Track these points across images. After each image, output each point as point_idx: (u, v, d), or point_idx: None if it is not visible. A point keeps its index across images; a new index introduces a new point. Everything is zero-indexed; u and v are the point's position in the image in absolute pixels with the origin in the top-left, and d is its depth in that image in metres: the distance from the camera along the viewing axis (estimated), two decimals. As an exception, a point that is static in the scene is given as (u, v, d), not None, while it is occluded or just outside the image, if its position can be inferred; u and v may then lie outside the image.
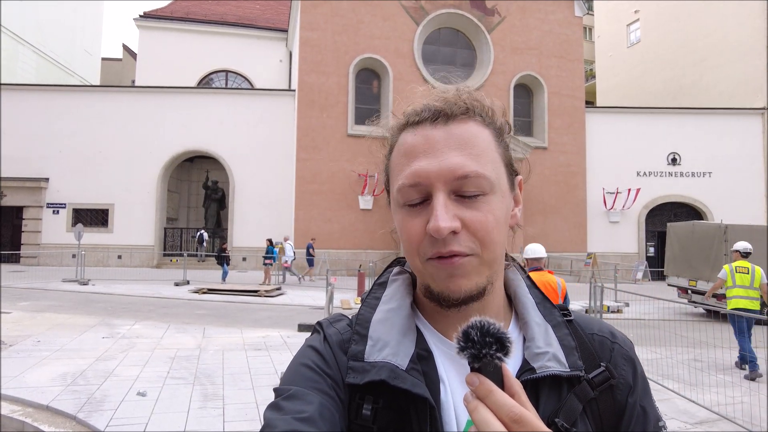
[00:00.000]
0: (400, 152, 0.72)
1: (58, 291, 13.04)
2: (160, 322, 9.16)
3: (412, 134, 0.71)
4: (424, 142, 0.69)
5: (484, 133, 0.70)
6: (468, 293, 0.68)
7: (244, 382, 5.77)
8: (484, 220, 0.67)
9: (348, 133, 19.52)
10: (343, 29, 19.75)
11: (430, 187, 0.67)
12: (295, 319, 9.83)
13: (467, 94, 0.73)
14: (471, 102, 0.71)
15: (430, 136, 0.69)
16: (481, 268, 0.68)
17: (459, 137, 0.68)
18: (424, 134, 0.69)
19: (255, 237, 19.92)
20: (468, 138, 0.68)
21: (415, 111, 0.72)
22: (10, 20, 22.92)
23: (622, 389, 0.74)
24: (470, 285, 0.68)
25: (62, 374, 5.80)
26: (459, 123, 0.69)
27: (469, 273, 0.67)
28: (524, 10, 21.49)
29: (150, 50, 25.22)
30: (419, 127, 0.71)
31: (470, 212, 0.66)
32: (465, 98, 0.72)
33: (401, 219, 0.71)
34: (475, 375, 0.52)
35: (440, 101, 0.71)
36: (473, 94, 0.73)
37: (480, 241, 0.67)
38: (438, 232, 0.64)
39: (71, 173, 20.14)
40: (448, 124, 0.69)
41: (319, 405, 0.65)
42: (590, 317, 0.83)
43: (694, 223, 12.94)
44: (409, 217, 0.69)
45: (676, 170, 21.84)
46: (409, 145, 0.70)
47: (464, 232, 0.66)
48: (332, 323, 0.78)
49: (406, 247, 0.70)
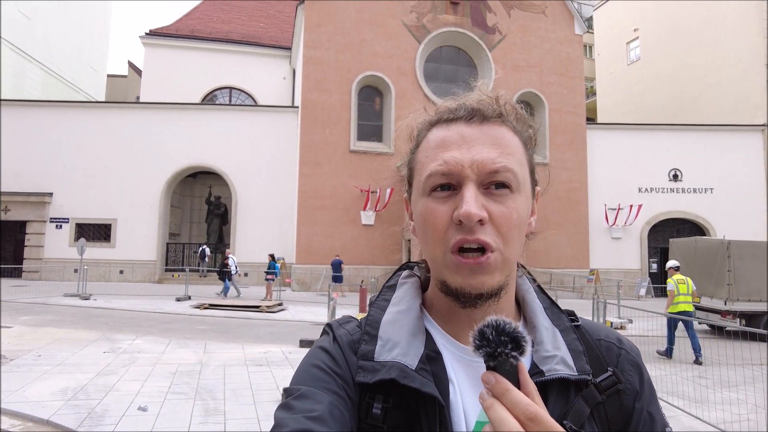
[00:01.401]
0: (430, 145, 0.73)
1: (60, 305, 13.01)
2: (161, 337, 9.12)
3: (445, 129, 0.73)
4: (458, 137, 0.71)
5: (515, 139, 0.73)
6: (490, 291, 0.68)
7: (245, 398, 5.72)
8: (509, 216, 0.68)
9: (350, 149, 19.65)
10: (346, 47, 20.02)
11: (461, 176, 0.68)
12: (297, 334, 9.78)
13: (504, 100, 0.75)
14: (506, 108, 0.74)
15: (465, 133, 0.71)
16: (504, 266, 0.69)
17: (492, 136, 0.71)
18: (458, 130, 0.71)
19: (257, 252, 19.92)
20: (500, 138, 0.71)
21: (449, 108, 0.74)
22: (19, 38, 23.28)
23: (629, 394, 0.74)
24: (492, 282, 0.68)
25: (63, 389, 5.77)
26: (493, 125, 0.72)
27: (493, 271, 0.68)
28: (525, 28, 21.78)
29: (155, 67, 25.56)
30: (453, 123, 0.72)
31: (497, 206, 0.68)
32: (501, 104, 0.74)
33: (425, 206, 0.71)
34: (491, 373, 0.53)
35: (476, 102, 0.73)
36: (509, 102, 0.76)
37: (503, 236, 0.68)
38: (468, 218, 0.65)
39: (75, 188, 20.25)
40: (482, 124, 0.71)
41: (329, 404, 0.65)
42: (597, 323, 0.84)
43: (697, 239, 12.90)
44: (435, 204, 0.70)
45: (677, 186, 21.87)
46: (442, 138, 0.72)
47: (489, 225, 0.67)
48: (342, 324, 0.79)
49: (430, 235, 0.70)
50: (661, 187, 21.85)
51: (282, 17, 30.79)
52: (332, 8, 19.97)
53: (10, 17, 22.49)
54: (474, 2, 21.39)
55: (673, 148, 21.93)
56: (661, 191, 21.82)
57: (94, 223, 20.40)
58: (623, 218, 21.22)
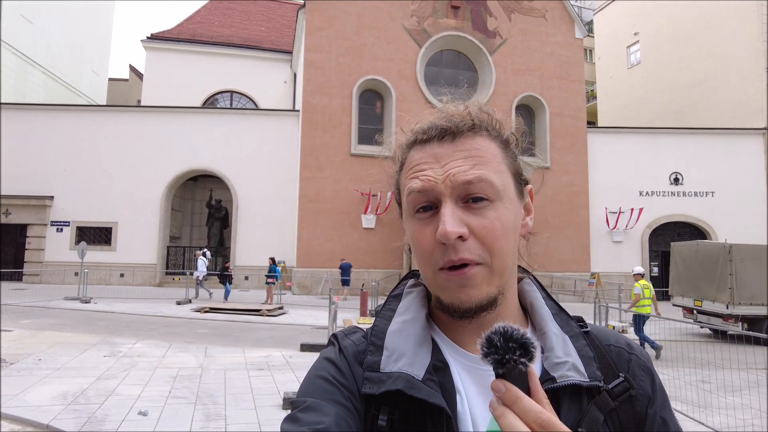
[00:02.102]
0: (409, 167, 0.74)
1: (60, 309, 13.00)
2: (161, 341, 9.11)
3: (420, 152, 0.74)
4: (431, 157, 0.72)
5: (491, 145, 0.73)
6: (479, 303, 0.68)
7: (246, 402, 5.70)
8: (491, 227, 0.68)
9: (351, 153, 19.66)
10: (347, 51, 20.06)
11: (438, 194, 0.69)
12: (298, 338, 9.75)
13: (476, 109, 0.74)
14: (478, 116, 0.73)
15: (437, 152, 0.72)
16: (491, 277, 0.69)
17: (465, 150, 0.71)
18: (431, 152, 0.72)
19: (258, 256, 19.91)
20: (473, 150, 0.71)
21: (423, 129, 0.75)
22: (21, 41, 23.34)
23: (642, 400, 0.74)
24: (481, 295, 0.68)
25: (63, 393, 5.75)
26: (465, 139, 0.72)
27: (480, 283, 0.68)
28: (525, 32, 21.82)
29: (156, 71, 25.61)
30: (427, 145, 0.73)
31: (477, 219, 0.68)
32: (473, 114, 0.73)
33: (413, 229, 0.73)
34: (501, 382, 0.52)
35: (446, 120, 0.73)
36: (482, 108, 0.75)
37: (488, 248, 0.68)
38: (446, 237, 0.65)
39: (76, 192, 20.26)
40: (454, 141, 0.72)
41: (335, 416, 0.65)
42: (606, 329, 0.83)
43: (698, 243, 12.88)
44: (420, 227, 0.71)
45: (678, 190, 21.86)
46: (417, 160, 0.73)
47: (472, 239, 0.67)
48: (347, 335, 0.78)
49: (419, 256, 0.72)
50: (662, 191, 21.83)
51: (283, 21, 30.87)
52: (333, 12, 20.03)
53: (12, 21, 22.56)
54: (474, 6, 21.44)
55: (674, 151, 21.92)
56: (662, 195, 21.81)
57: (95, 226, 20.40)
58: (624, 222, 21.20)
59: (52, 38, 25.62)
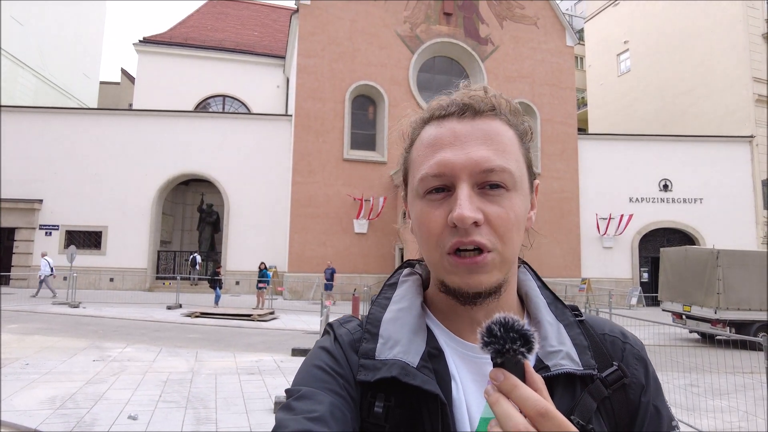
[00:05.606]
0: (423, 144, 0.72)
1: (48, 314, 12.84)
2: (152, 346, 9.02)
3: (437, 127, 0.72)
4: (450, 135, 0.69)
5: (509, 132, 0.72)
6: (488, 289, 0.68)
7: (237, 406, 5.67)
8: (506, 216, 0.67)
9: (344, 158, 19.67)
10: (339, 57, 20.12)
11: (455, 178, 0.67)
12: (289, 343, 9.72)
13: (494, 94, 0.74)
14: (498, 101, 0.73)
15: (457, 130, 0.70)
16: (502, 265, 0.68)
17: (485, 132, 0.69)
18: (450, 127, 0.70)
19: (249, 261, 19.81)
20: (494, 134, 0.70)
21: (441, 105, 0.73)
22: (12, 44, 23.15)
23: (635, 389, 0.74)
24: (491, 281, 0.68)
25: (51, 397, 5.69)
26: (485, 119, 0.70)
27: (491, 270, 0.67)
28: (517, 39, 22.02)
29: (148, 74, 25.48)
30: (445, 120, 0.71)
31: (492, 207, 0.67)
32: (492, 98, 0.73)
33: (420, 210, 0.71)
34: (500, 371, 0.52)
35: (467, 98, 0.72)
36: (500, 94, 0.75)
37: (500, 237, 0.67)
38: (462, 221, 0.64)
39: (65, 195, 20.06)
40: (474, 119, 0.70)
41: (330, 405, 0.65)
42: (601, 318, 0.84)
43: (687, 249, 13.01)
44: (429, 208, 0.69)
45: (667, 196, 22.09)
46: (434, 136, 0.71)
47: (485, 226, 0.66)
48: (343, 324, 0.79)
49: (426, 238, 0.70)
50: (652, 197, 22.06)
51: (276, 26, 30.90)
52: (326, 17, 20.09)
53: (2, 23, 22.38)
54: (467, 13, 21.61)
55: (663, 158, 22.17)
56: (652, 201, 22.03)
57: (85, 230, 20.19)
58: (614, 228, 21.37)
59: (43, 40, 25.44)
